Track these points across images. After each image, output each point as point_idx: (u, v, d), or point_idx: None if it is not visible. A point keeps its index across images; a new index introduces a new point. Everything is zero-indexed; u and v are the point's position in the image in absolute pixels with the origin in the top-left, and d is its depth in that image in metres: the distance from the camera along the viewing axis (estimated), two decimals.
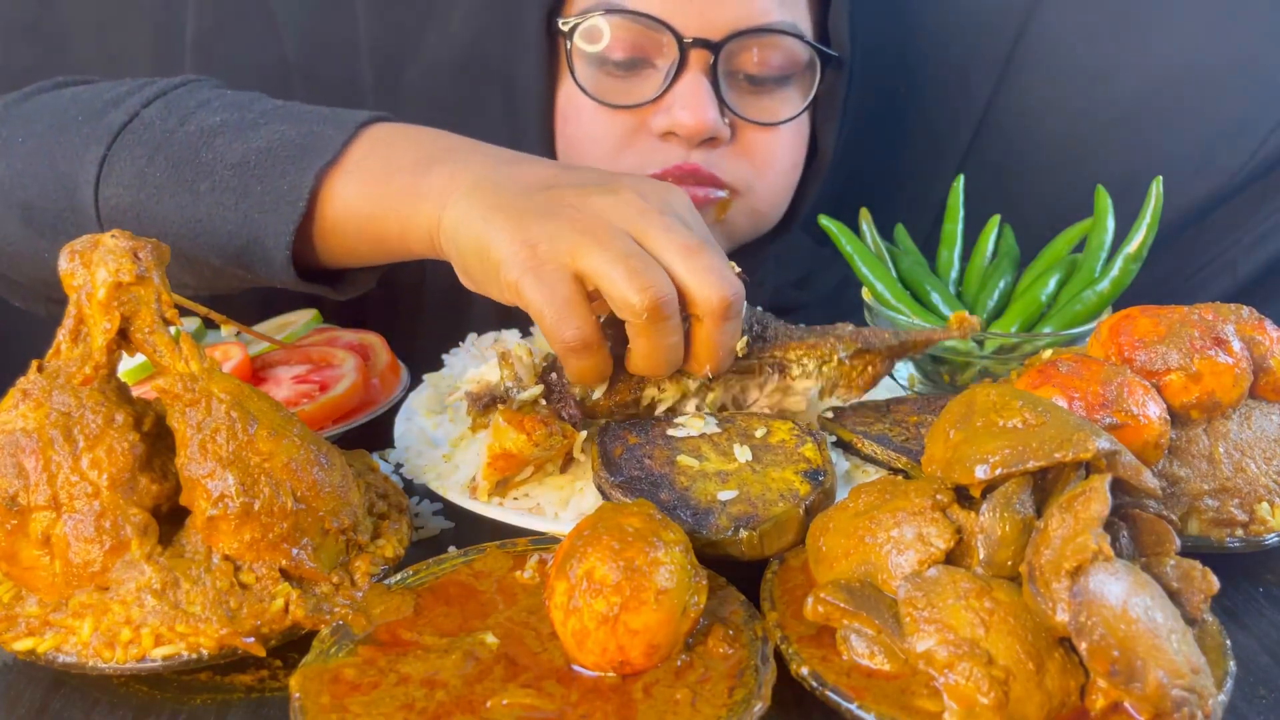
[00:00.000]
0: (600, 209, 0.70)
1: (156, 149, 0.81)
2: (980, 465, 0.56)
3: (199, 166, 0.80)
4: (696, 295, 0.68)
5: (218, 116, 0.83)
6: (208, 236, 0.81)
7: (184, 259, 0.83)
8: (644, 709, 0.52)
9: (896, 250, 1.08)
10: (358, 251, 0.83)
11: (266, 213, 0.78)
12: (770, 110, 1.05)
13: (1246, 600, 0.69)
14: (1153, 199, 0.96)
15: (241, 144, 0.80)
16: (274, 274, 0.81)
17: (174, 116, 0.83)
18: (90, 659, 0.57)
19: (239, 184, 0.79)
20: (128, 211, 0.82)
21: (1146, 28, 1.27)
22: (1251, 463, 0.70)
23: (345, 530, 0.64)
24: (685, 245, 0.68)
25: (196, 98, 0.85)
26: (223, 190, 0.80)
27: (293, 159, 0.79)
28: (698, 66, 0.99)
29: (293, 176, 0.78)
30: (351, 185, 0.79)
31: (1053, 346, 0.86)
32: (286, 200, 0.78)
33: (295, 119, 0.82)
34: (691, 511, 0.66)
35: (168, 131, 0.82)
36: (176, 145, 0.81)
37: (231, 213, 0.80)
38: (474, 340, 1.00)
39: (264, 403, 0.64)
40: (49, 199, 0.84)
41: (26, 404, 0.60)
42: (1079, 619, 0.49)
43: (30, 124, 0.88)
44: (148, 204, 0.81)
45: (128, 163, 0.82)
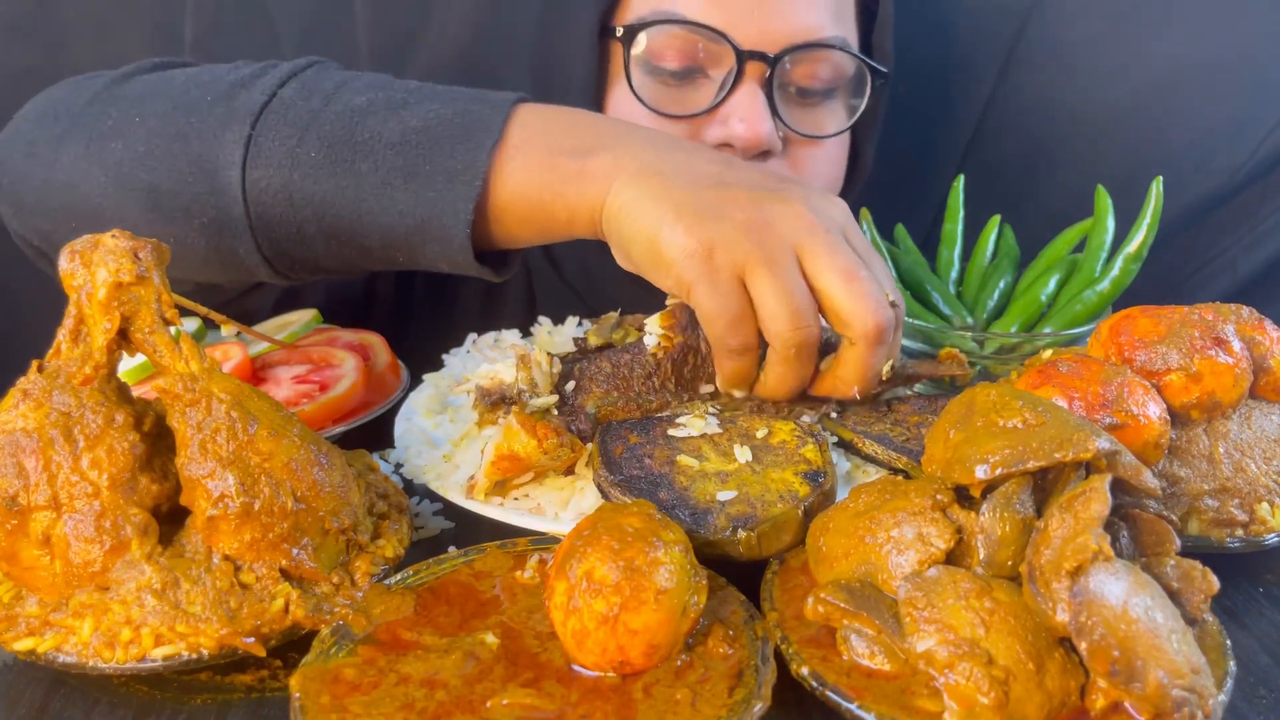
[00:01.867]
0: (772, 218, 0.72)
1: (306, 128, 0.80)
2: (980, 465, 0.56)
3: (355, 146, 0.79)
4: (851, 319, 0.72)
5: (362, 97, 0.81)
6: (373, 216, 0.80)
7: (336, 242, 0.82)
8: (644, 709, 0.52)
9: (896, 250, 1.08)
10: (524, 232, 0.82)
11: (441, 190, 0.78)
12: (818, 123, 1.05)
13: (1246, 600, 0.69)
14: (1153, 199, 0.96)
15: (398, 123, 0.80)
16: (449, 254, 0.80)
17: (316, 96, 0.81)
18: (90, 659, 0.57)
19: (404, 163, 0.78)
20: (279, 193, 0.80)
21: (1146, 28, 1.27)
22: (1251, 463, 0.70)
23: (345, 530, 0.64)
24: (847, 269, 0.71)
25: (332, 79, 0.84)
26: (387, 170, 0.79)
27: (458, 138, 0.78)
28: (753, 78, 0.99)
29: (463, 155, 0.78)
30: (519, 167, 0.79)
31: (1053, 346, 0.86)
32: (461, 179, 0.78)
33: (444, 99, 0.82)
34: (690, 511, 0.66)
35: (313, 111, 0.80)
36: (327, 124, 0.80)
37: (401, 192, 0.79)
38: (474, 340, 1.01)
39: (264, 403, 0.64)
40: (182, 182, 0.81)
41: (26, 404, 0.60)
42: (1079, 619, 0.49)
43: (144, 104, 0.85)
44: (302, 184, 0.79)
45: (276, 143, 0.80)
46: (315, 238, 0.82)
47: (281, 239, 0.83)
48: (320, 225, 0.81)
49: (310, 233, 0.82)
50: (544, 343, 0.98)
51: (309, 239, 0.82)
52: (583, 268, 1.20)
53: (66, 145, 0.85)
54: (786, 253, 0.72)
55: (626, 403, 0.79)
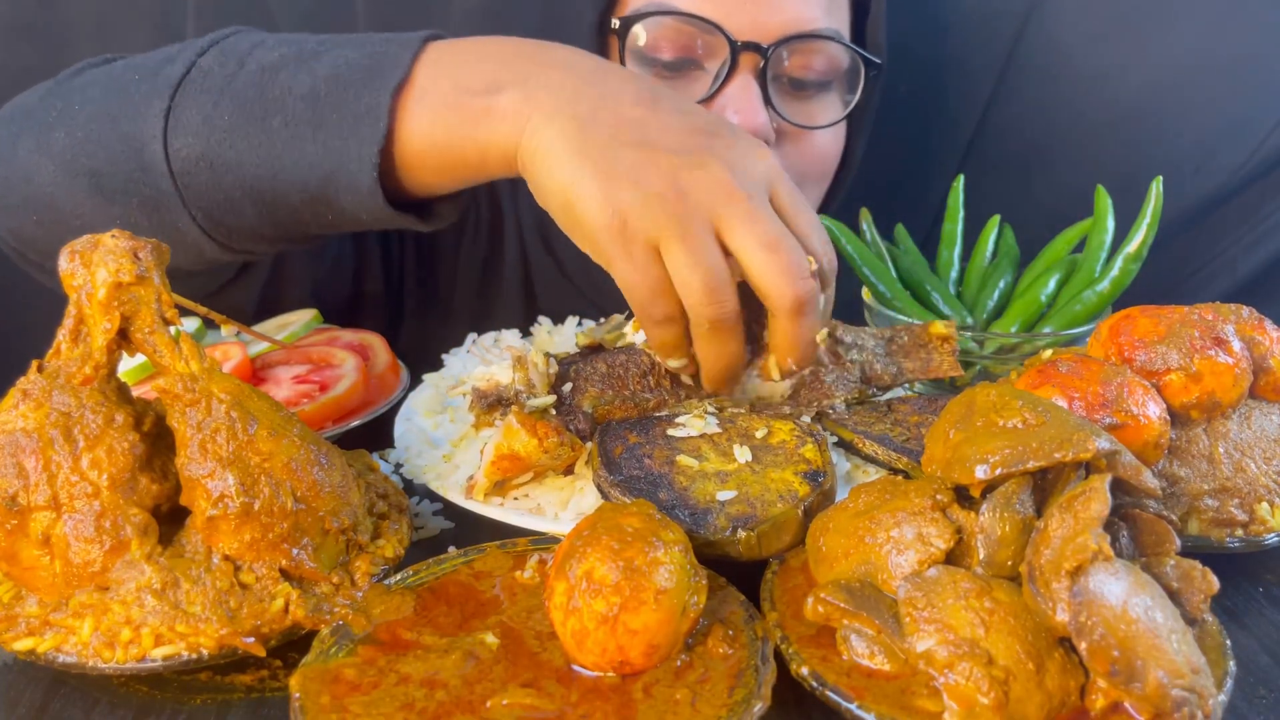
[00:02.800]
0: (689, 186, 0.70)
1: (220, 93, 0.80)
2: (980, 465, 0.56)
3: (267, 103, 0.79)
4: (770, 291, 0.71)
5: (275, 53, 0.81)
6: (287, 173, 0.79)
7: (262, 204, 0.82)
8: (644, 709, 0.52)
9: (896, 250, 1.08)
10: (438, 177, 0.81)
11: (347, 138, 0.77)
12: (812, 114, 1.05)
13: (1246, 600, 0.69)
14: (1153, 199, 0.96)
15: (308, 75, 0.79)
16: (360, 202, 0.79)
17: (232, 61, 0.81)
18: (90, 659, 0.57)
19: (313, 114, 0.78)
20: (200, 161, 0.80)
21: (1146, 28, 1.27)
22: (1251, 463, 0.70)
23: (345, 530, 0.64)
24: (764, 239, 0.70)
25: (249, 40, 0.84)
26: (297, 123, 0.78)
27: (364, 82, 0.77)
28: (747, 69, 1.00)
29: (368, 98, 0.77)
30: (426, 109, 0.77)
31: (1053, 346, 0.86)
32: (365, 122, 0.77)
33: (354, 44, 0.81)
34: (690, 511, 0.66)
35: (228, 76, 0.80)
36: (240, 86, 0.80)
37: (310, 144, 0.78)
38: (474, 340, 1.01)
39: (264, 403, 0.64)
40: (116, 163, 0.82)
41: (26, 404, 0.60)
42: (1079, 619, 0.49)
43: (86, 92, 0.86)
44: (219, 149, 0.79)
45: (193, 111, 0.80)
46: (242, 202, 0.82)
47: (212, 208, 0.82)
48: (244, 188, 0.80)
49: (237, 197, 0.81)
50: (544, 343, 0.98)
51: (237, 204, 0.82)
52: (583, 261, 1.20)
53: (21, 141, 0.86)
54: (702, 224, 0.70)
55: (623, 402, 0.79)
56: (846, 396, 0.83)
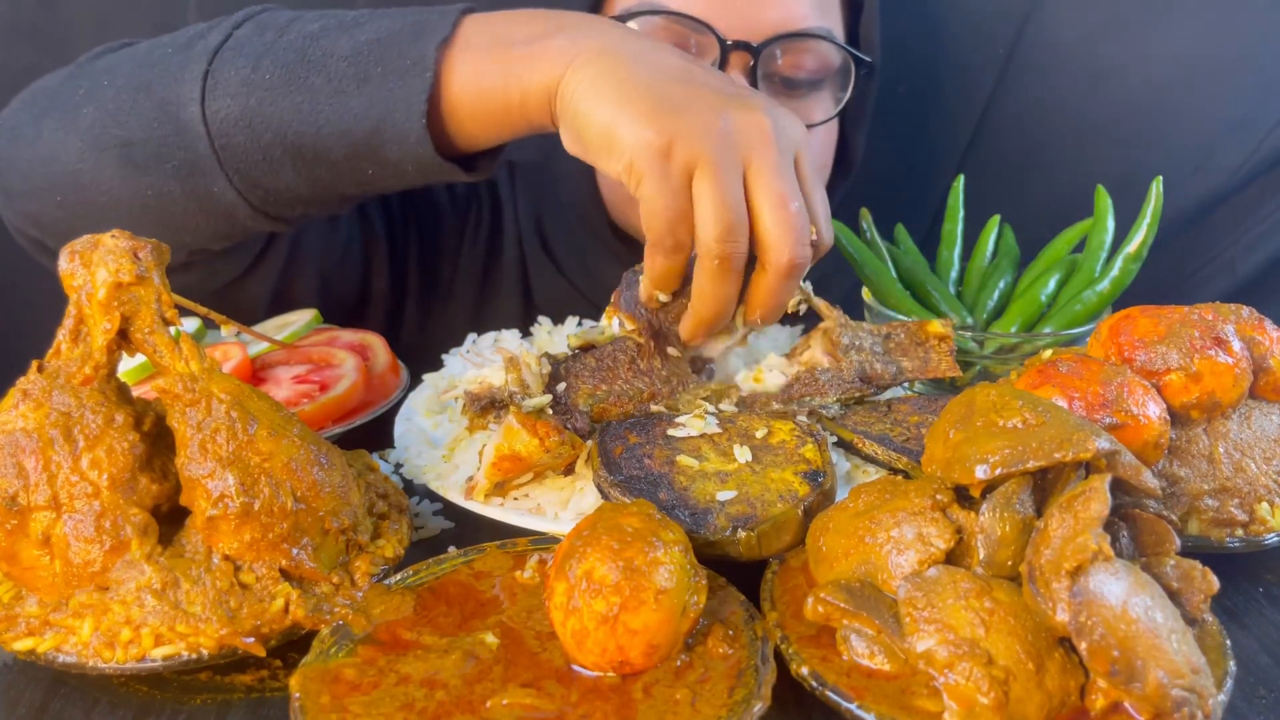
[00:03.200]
0: (734, 123, 0.71)
1: (260, 57, 0.81)
2: (980, 465, 0.56)
3: (309, 64, 0.80)
4: (770, 246, 0.72)
5: (316, 24, 0.83)
6: (331, 126, 0.80)
7: (302, 162, 0.83)
8: (644, 709, 0.52)
9: (896, 250, 1.08)
10: (481, 125, 0.82)
11: (394, 89, 0.78)
12: (805, 113, 1.05)
13: (1246, 600, 0.69)
14: (1153, 199, 0.95)
15: (349, 39, 0.81)
16: (407, 152, 0.80)
17: (271, 30, 0.83)
18: (90, 659, 0.57)
19: (356, 71, 0.79)
20: (239, 121, 0.81)
21: (1145, 28, 1.27)
22: (1251, 463, 0.70)
23: (345, 530, 0.64)
24: (782, 194, 0.71)
25: (287, 15, 0.86)
26: (340, 79, 0.80)
27: (408, 41, 0.79)
28: (737, 68, 1.00)
29: (413, 53, 0.78)
30: (470, 58, 0.79)
31: (1053, 346, 0.86)
32: (413, 73, 0.78)
33: (394, 15, 0.83)
34: (690, 511, 0.66)
35: (267, 43, 0.82)
36: (281, 51, 0.81)
37: (355, 98, 0.79)
38: (474, 341, 1.01)
39: (264, 403, 0.64)
40: (149, 129, 0.83)
41: (26, 404, 0.60)
42: (1079, 619, 0.49)
43: (114, 70, 0.87)
44: (260, 108, 0.81)
45: (231, 73, 0.81)
46: (282, 161, 0.83)
47: (250, 169, 0.83)
48: (284, 146, 0.82)
49: (276, 156, 0.82)
50: (544, 343, 0.98)
51: (276, 164, 0.83)
52: (580, 262, 1.20)
53: (44, 122, 0.87)
54: (737, 161, 0.71)
55: (618, 397, 0.79)
56: (841, 396, 0.83)
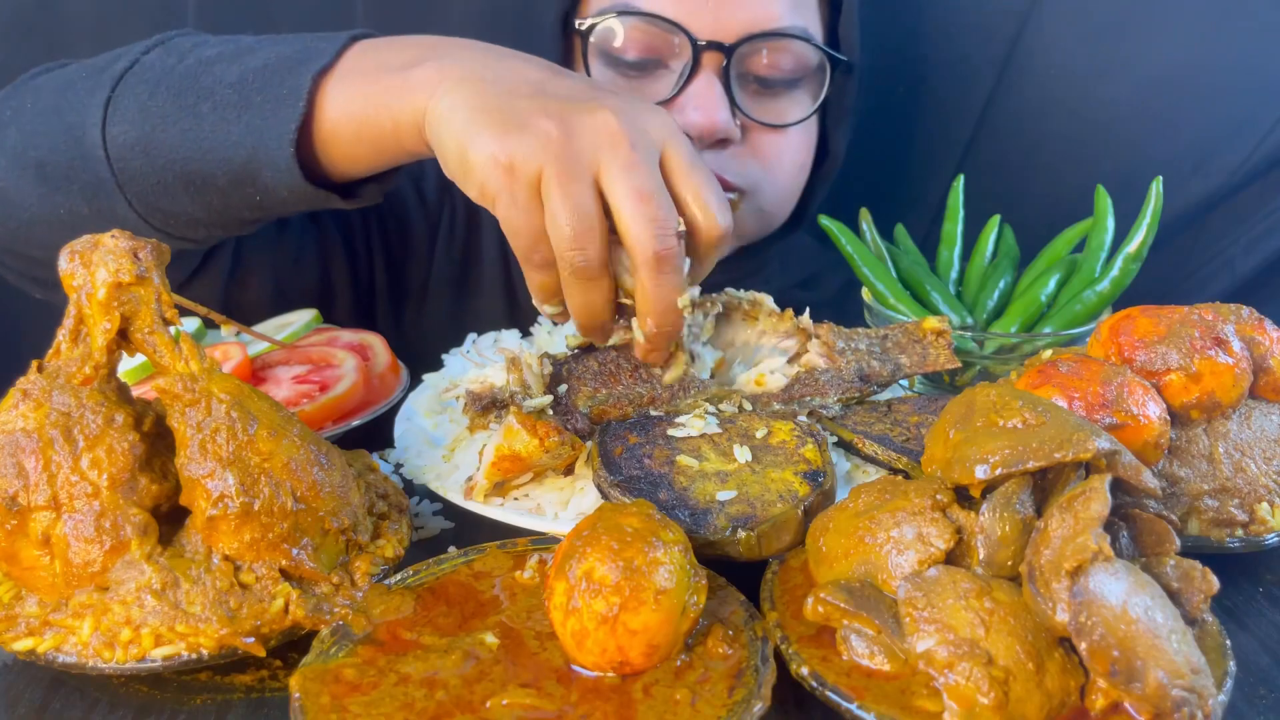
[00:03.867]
0: (576, 130, 0.71)
1: (158, 84, 0.84)
2: (980, 465, 0.56)
3: (199, 91, 0.83)
4: (631, 244, 0.71)
5: (214, 49, 0.86)
6: (214, 153, 0.83)
7: (193, 188, 0.85)
8: (644, 709, 0.52)
9: (896, 250, 1.08)
10: (357, 155, 0.83)
11: (268, 117, 0.80)
12: (780, 112, 1.05)
13: (1246, 600, 0.69)
14: (1152, 199, 0.96)
15: (239, 66, 0.83)
16: (280, 180, 0.82)
17: (173, 56, 0.86)
18: (90, 659, 0.57)
19: (239, 99, 0.82)
20: (134, 146, 0.84)
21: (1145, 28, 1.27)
22: (1251, 463, 0.70)
23: (345, 530, 0.64)
24: (637, 190, 0.70)
25: (193, 40, 0.89)
26: (224, 107, 0.82)
27: (289, 69, 0.81)
28: (710, 68, 1.00)
29: (291, 82, 0.80)
30: (345, 87, 0.81)
31: (1053, 346, 0.86)
32: (286, 103, 0.80)
33: (289, 41, 0.85)
34: (689, 511, 0.66)
35: (167, 69, 0.85)
36: (177, 78, 0.84)
37: (235, 125, 0.82)
38: (474, 341, 1.01)
39: (264, 403, 0.64)
40: (59, 151, 0.86)
41: (26, 404, 0.60)
42: (1079, 619, 0.49)
43: (39, 92, 0.90)
44: (153, 135, 0.83)
45: (131, 100, 0.84)
46: (175, 186, 0.85)
47: (147, 193, 0.86)
48: (175, 172, 0.84)
49: (169, 181, 0.85)
50: (544, 343, 0.98)
51: (170, 188, 0.86)
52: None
53: None
54: (582, 168, 0.70)
55: (617, 400, 0.79)
56: (842, 396, 0.83)
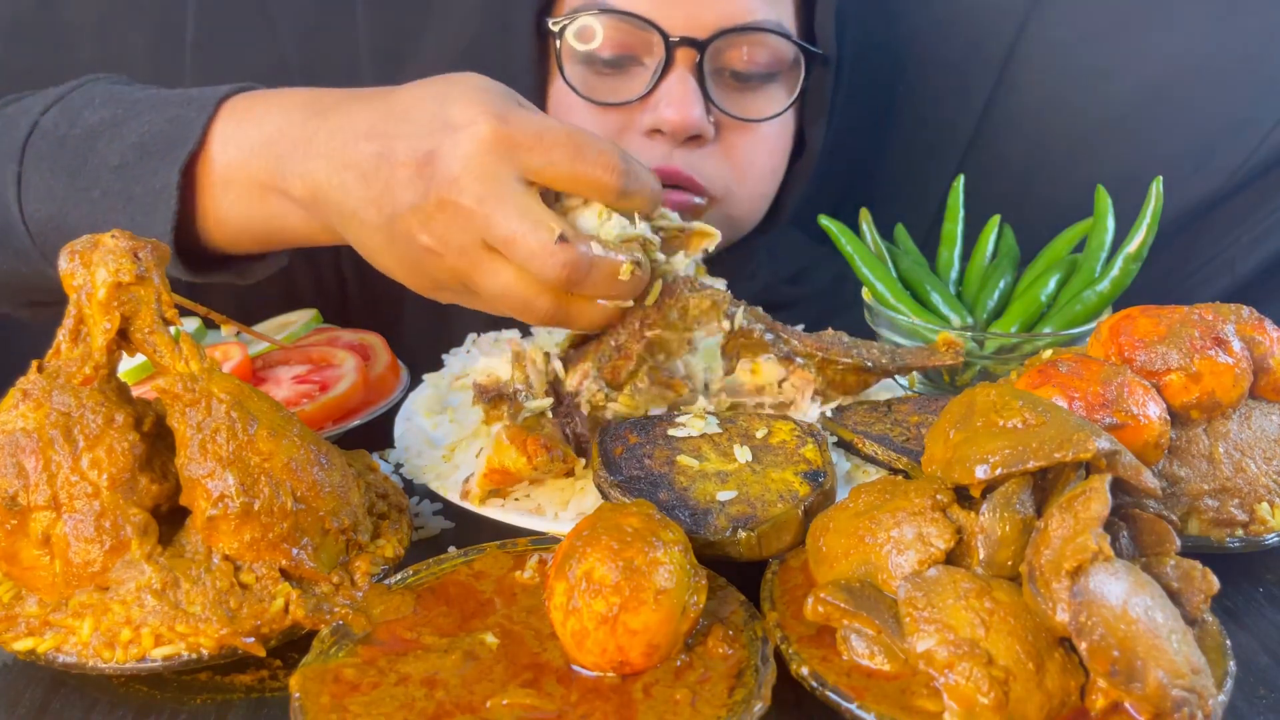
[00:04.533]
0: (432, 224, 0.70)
1: (55, 160, 0.84)
2: (980, 465, 0.56)
3: (88, 174, 0.83)
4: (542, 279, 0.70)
5: (98, 115, 0.85)
6: None
7: None
8: (644, 709, 0.52)
9: (896, 250, 1.08)
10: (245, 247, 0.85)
11: (150, 214, 0.80)
12: (755, 108, 1.05)
13: (1246, 600, 0.69)
14: (1153, 199, 0.95)
15: (119, 143, 0.83)
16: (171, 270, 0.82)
17: (65, 120, 0.86)
18: (90, 659, 0.57)
19: (122, 187, 0.82)
20: (48, 223, 0.85)
21: (1145, 27, 1.27)
22: (1251, 463, 0.70)
23: (345, 530, 0.64)
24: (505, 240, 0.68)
25: (85, 96, 0.88)
26: (112, 196, 0.82)
27: (161, 153, 0.81)
28: (684, 65, 1.00)
29: (163, 174, 0.80)
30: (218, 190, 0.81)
31: (1053, 346, 0.86)
32: (161, 199, 0.80)
33: (163, 106, 0.84)
34: (690, 512, 0.66)
35: (59, 139, 0.85)
36: (69, 154, 0.84)
37: (122, 215, 0.82)
38: (474, 340, 1.01)
39: (264, 403, 0.64)
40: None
41: (26, 404, 0.60)
42: (1079, 619, 0.49)
43: None
44: (59, 217, 0.84)
45: (36, 177, 0.85)
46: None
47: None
48: None
49: None
50: (544, 342, 0.98)
51: None
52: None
53: None
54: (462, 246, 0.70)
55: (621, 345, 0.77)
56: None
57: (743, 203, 1.10)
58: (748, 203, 1.11)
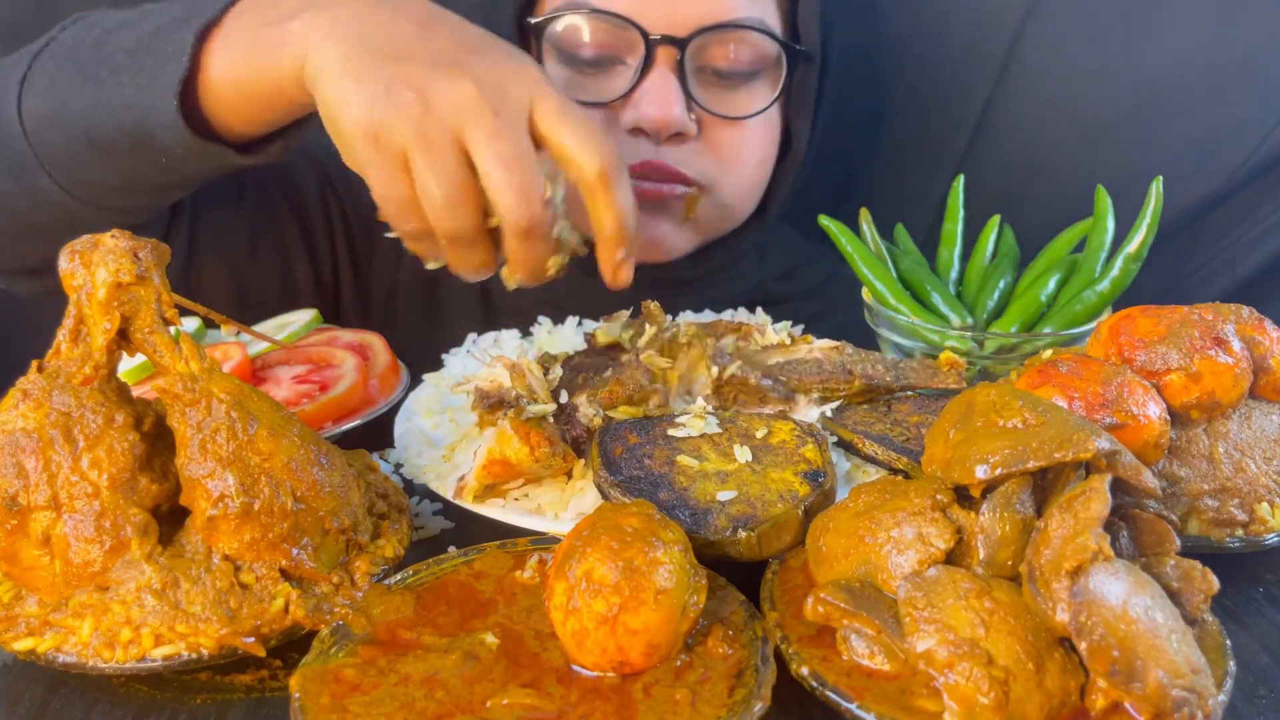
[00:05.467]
0: (436, 97, 0.71)
1: (66, 58, 0.86)
2: (980, 465, 0.56)
3: (100, 60, 0.85)
4: (500, 210, 0.72)
5: (118, 19, 0.87)
6: (112, 117, 0.84)
7: (102, 154, 0.87)
8: (644, 709, 0.52)
9: (896, 250, 1.08)
10: (249, 112, 0.84)
11: (155, 77, 0.81)
12: (738, 105, 1.05)
13: (1246, 600, 0.69)
14: (1153, 199, 0.95)
15: (135, 31, 0.85)
16: (172, 137, 0.83)
17: (83, 31, 0.88)
18: (90, 659, 0.57)
19: (133, 62, 0.83)
20: (46, 119, 0.86)
21: (1145, 28, 1.27)
22: (1251, 463, 0.70)
23: (345, 530, 0.64)
24: (501, 158, 0.70)
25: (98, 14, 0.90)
26: (120, 71, 0.83)
27: (176, 28, 0.82)
28: (665, 63, 1.00)
29: (176, 40, 0.81)
30: (228, 44, 0.81)
31: (1053, 346, 0.86)
32: (172, 60, 0.81)
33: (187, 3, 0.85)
34: (690, 512, 0.66)
35: (77, 42, 0.87)
36: (83, 50, 0.86)
37: (128, 87, 0.83)
38: (474, 340, 1.01)
39: (264, 403, 0.64)
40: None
41: (26, 404, 0.60)
42: (1079, 619, 0.49)
43: None
44: (62, 106, 0.86)
45: (41, 74, 0.87)
46: (86, 154, 0.87)
47: (64, 164, 0.88)
48: (83, 139, 0.86)
49: (80, 150, 0.87)
50: (544, 342, 0.98)
51: (82, 157, 0.88)
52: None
53: None
54: (445, 137, 0.70)
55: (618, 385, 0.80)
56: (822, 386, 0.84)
57: (733, 190, 1.10)
58: (737, 190, 1.11)
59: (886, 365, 0.86)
